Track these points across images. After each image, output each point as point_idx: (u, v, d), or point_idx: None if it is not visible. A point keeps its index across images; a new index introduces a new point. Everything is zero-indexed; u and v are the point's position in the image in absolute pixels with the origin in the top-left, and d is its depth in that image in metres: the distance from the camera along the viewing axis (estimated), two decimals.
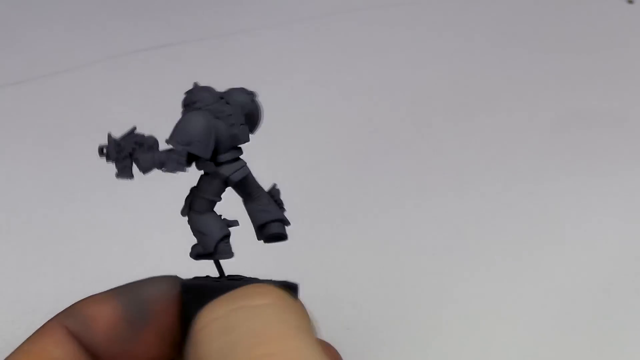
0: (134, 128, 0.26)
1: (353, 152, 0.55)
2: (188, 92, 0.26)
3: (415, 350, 0.41)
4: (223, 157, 0.26)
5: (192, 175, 0.27)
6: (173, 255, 0.41)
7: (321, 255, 0.47)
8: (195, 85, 0.27)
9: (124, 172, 0.26)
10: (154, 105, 0.57)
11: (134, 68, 0.64)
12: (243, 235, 0.27)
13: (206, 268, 0.27)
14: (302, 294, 0.26)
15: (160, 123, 0.27)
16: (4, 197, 0.51)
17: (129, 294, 0.25)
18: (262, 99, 0.27)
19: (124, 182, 0.54)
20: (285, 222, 0.26)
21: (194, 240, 0.26)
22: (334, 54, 0.67)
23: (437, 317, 0.43)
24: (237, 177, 0.26)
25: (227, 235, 0.26)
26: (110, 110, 0.59)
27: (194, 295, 0.24)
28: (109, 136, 0.26)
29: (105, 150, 0.26)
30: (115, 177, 0.26)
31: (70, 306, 0.25)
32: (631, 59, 0.67)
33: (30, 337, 0.24)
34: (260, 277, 0.25)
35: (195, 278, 0.26)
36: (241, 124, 0.26)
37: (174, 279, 0.26)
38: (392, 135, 0.58)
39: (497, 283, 0.45)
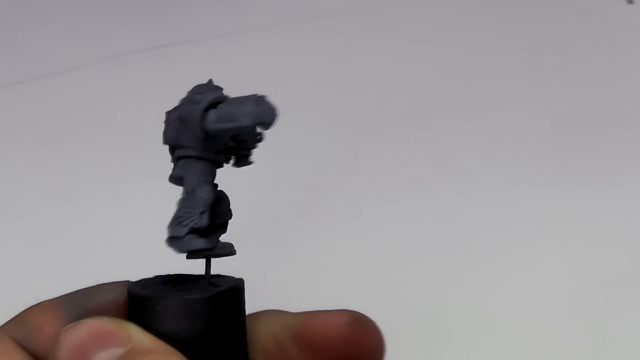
0: None
1: (353, 152, 0.55)
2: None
3: (416, 350, 0.41)
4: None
5: None
6: (173, 255, 0.41)
7: (321, 256, 0.47)
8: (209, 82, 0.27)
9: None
10: (153, 105, 0.57)
11: (134, 68, 0.64)
12: (245, 237, 0.27)
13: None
14: (303, 294, 0.26)
15: (159, 123, 0.27)
16: (4, 197, 0.51)
17: (73, 303, 0.25)
18: None
19: (123, 182, 0.54)
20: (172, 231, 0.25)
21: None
22: (333, 54, 0.67)
23: (438, 317, 0.43)
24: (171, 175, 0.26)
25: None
26: (110, 110, 0.59)
27: (134, 305, 0.24)
28: None
29: None
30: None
31: (16, 315, 0.25)
32: (631, 59, 0.67)
33: None
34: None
35: (144, 279, 0.25)
36: (168, 124, 0.26)
37: (123, 284, 0.25)
38: (392, 135, 0.58)
39: (497, 283, 0.45)
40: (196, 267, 0.27)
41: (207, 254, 0.25)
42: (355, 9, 0.72)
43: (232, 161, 0.26)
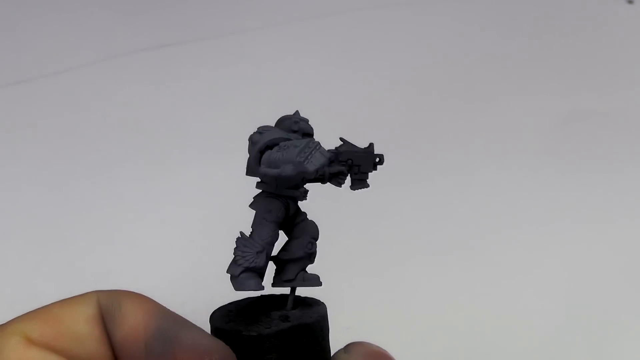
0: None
1: None
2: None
3: (417, 350, 0.41)
4: None
5: (192, 173, 0.26)
6: (172, 255, 0.41)
7: (322, 255, 0.47)
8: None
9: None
10: (153, 105, 0.57)
11: (134, 68, 0.64)
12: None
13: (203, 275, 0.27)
14: (304, 294, 0.26)
15: (159, 123, 0.27)
16: (4, 197, 0.51)
17: (168, 326, 0.22)
18: (262, 99, 0.27)
19: (124, 182, 0.54)
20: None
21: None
22: (333, 54, 0.67)
23: (439, 316, 0.43)
24: None
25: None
26: (110, 110, 0.59)
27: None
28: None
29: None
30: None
31: (116, 289, 0.23)
32: (631, 59, 0.67)
33: (65, 300, 0.23)
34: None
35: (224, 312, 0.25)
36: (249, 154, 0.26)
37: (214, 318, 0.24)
38: (394, 134, 0.58)
39: (499, 282, 0.45)
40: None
41: (288, 285, 0.25)
42: (355, 9, 0.72)
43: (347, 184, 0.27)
